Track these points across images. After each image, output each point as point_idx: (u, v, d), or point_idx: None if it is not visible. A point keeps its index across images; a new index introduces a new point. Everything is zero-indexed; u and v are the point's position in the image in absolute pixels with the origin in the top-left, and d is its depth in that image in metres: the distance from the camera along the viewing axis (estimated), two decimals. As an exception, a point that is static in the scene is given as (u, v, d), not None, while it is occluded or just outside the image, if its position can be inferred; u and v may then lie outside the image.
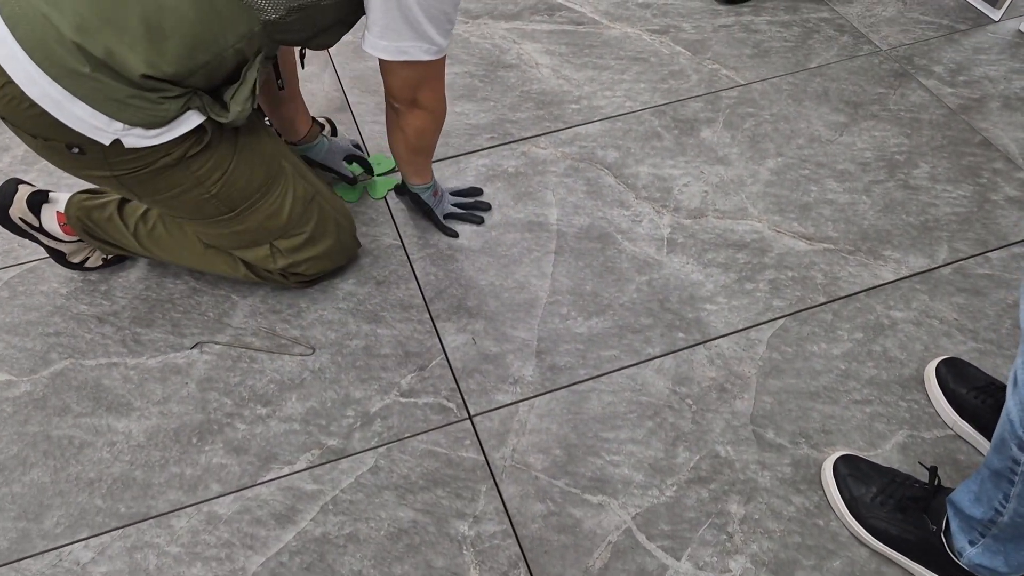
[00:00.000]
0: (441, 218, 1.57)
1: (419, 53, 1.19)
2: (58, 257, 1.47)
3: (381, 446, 1.28)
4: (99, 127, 1.08)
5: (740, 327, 1.42)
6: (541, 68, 1.91)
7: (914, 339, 1.40)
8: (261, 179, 1.26)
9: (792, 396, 1.33)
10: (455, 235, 1.56)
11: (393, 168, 1.71)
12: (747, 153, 1.70)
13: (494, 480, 1.24)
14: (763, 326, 1.42)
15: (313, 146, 1.58)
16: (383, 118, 1.80)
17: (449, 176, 1.67)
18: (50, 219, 1.41)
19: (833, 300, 1.45)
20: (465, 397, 1.34)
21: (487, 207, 1.60)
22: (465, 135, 1.76)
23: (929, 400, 1.32)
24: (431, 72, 1.25)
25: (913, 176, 1.66)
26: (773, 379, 1.35)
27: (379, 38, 1.17)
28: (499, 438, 1.29)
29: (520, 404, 1.33)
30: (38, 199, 1.40)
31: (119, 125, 1.07)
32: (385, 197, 1.64)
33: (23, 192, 1.39)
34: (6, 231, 1.57)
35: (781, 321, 1.42)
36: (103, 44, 1.03)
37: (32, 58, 1.02)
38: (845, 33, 2.00)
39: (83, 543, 1.18)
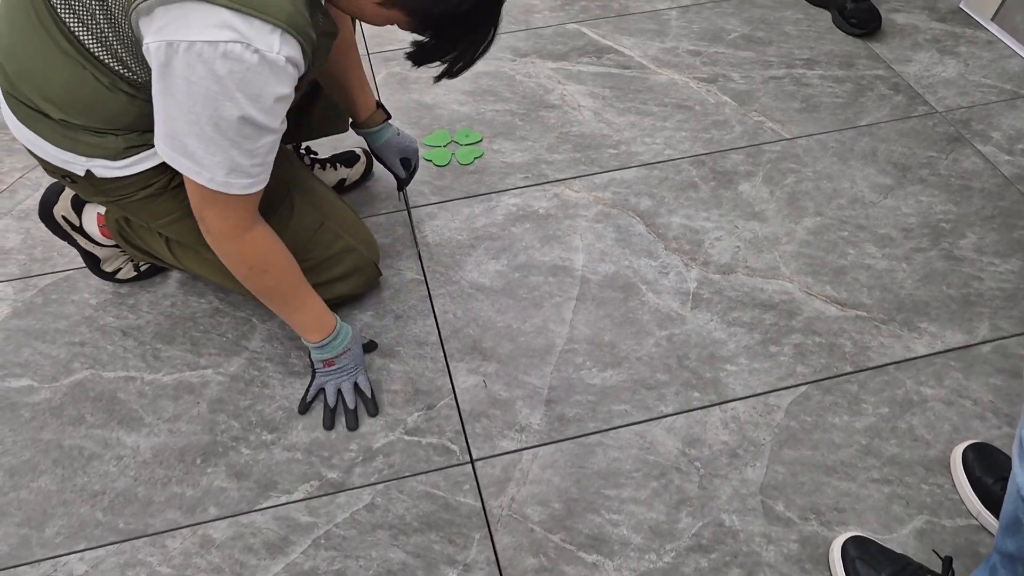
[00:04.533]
0: (310, 388, 1.36)
1: (188, 171, 1.04)
2: (92, 263, 1.51)
3: (380, 483, 1.27)
4: (68, 161, 1.15)
5: (759, 391, 1.37)
6: (583, 110, 1.90)
7: (943, 419, 1.33)
8: None
9: (807, 468, 1.28)
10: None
11: (480, 139, 1.84)
12: (785, 210, 1.66)
13: (489, 528, 1.22)
14: (783, 392, 1.37)
15: (373, 132, 1.52)
16: (422, 150, 1.82)
17: (479, 214, 1.67)
18: (90, 220, 1.46)
19: (860, 370, 1.40)
20: (469, 441, 1.32)
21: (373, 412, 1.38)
22: (500, 173, 1.76)
23: (954, 486, 1.25)
24: (207, 197, 1.08)
25: (958, 246, 1.59)
26: (788, 448, 1.30)
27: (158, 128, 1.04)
28: (499, 485, 1.26)
29: (524, 452, 1.30)
30: (82, 199, 1.45)
31: (82, 159, 1.11)
32: (410, 223, 1.64)
33: (69, 192, 1.44)
34: (47, 239, 1.62)
35: (803, 388, 1.37)
36: (24, 93, 1.11)
37: (7, 106, 1.15)
38: (900, 92, 1.94)
39: (79, 555, 1.20)
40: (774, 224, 1.63)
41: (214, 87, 0.94)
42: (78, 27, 1.02)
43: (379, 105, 1.52)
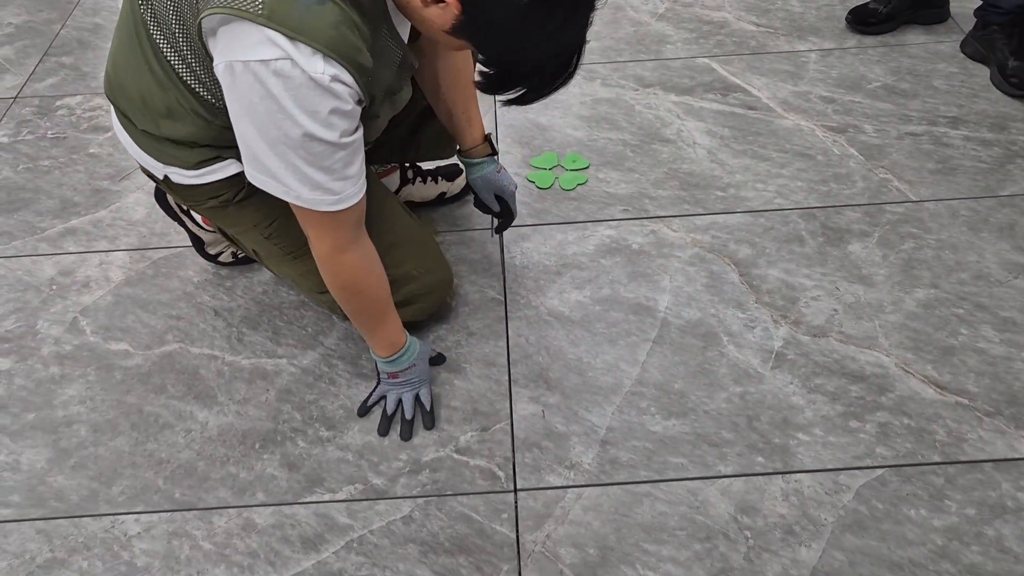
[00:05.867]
0: (372, 394, 1.39)
1: (276, 190, 1.08)
2: (198, 245, 1.60)
3: (421, 497, 1.27)
4: (150, 164, 1.23)
5: (830, 467, 1.28)
6: (697, 148, 1.85)
7: (1040, 532, 1.20)
8: None
9: (869, 560, 1.17)
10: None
11: (587, 166, 1.81)
12: (896, 277, 1.54)
13: (519, 562, 1.20)
14: (857, 472, 1.27)
15: (473, 164, 1.49)
16: (526, 171, 1.82)
17: (571, 241, 1.65)
18: None
19: (950, 463, 1.27)
20: (517, 469, 1.30)
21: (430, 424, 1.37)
22: (600, 203, 1.73)
23: (1038, 609, 1.12)
24: (304, 215, 1.13)
25: (1094, 341, 1.43)
26: (852, 535, 1.20)
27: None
28: (537, 520, 1.24)
29: (569, 490, 1.27)
30: None
31: (159, 164, 1.18)
32: (500, 242, 1.64)
33: None
34: (167, 217, 1.74)
35: (880, 472, 1.27)
36: (117, 100, 1.20)
37: (112, 105, 1.25)
38: (1055, 164, 1.76)
39: (135, 517, 1.27)
40: (881, 291, 1.52)
41: (273, 106, 0.98)
42: (165, 46, 1.09)
43: (487, 139, 1.50)
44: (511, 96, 1.02)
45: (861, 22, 2.15)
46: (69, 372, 1.47)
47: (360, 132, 1.09)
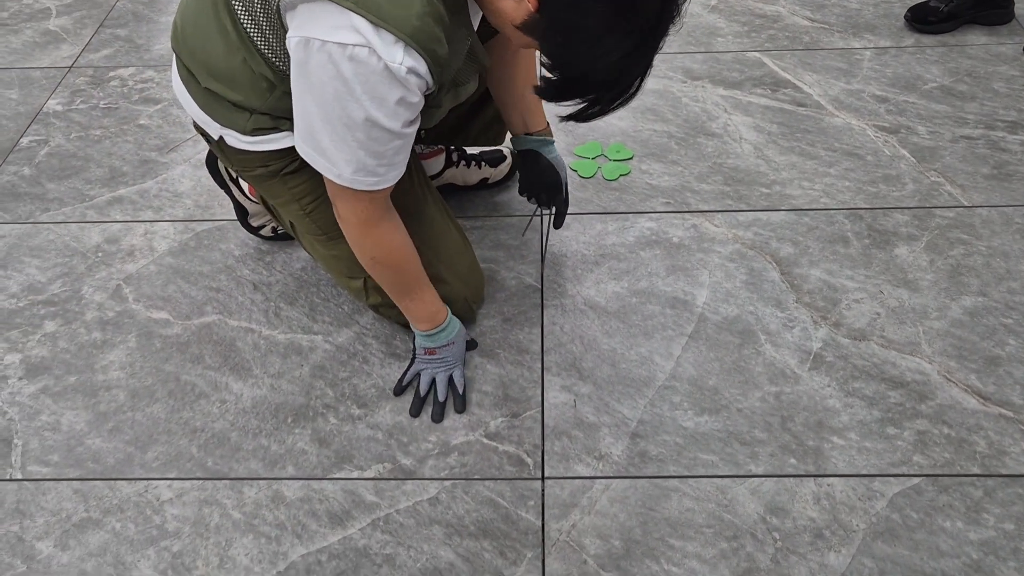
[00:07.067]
0: (408, 372, 1.39)
1: (321, 167, 1.11)
2: (241, 215, 1.62)
3: (448, 480, 1.28)
4: (207, 123, 1.23)
5: (864, 472, 1.25)
6: (744, 143, 1.82)
7: (1080, 551, 1.16)
8: None
9: (900, 569, 1.15)
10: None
11: (630, 157, 1.80)
12: (942, 283, 1.50)
13: (543, 550, 1.20)
14: (892, 479, 1.24)
15: (551, 141, 1.48)
16: (569, 159, 1.81)
17: (611, 231, 1.64)
18: None
19: (990, 475, 1.24)
20: (545, 457, 1.30)
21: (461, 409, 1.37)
22: (642, 194, 1.71)
23: (1074, 630, 1.09)
24: (337, 190, 1.15)
25: None
26: (883, 543, 1.18)
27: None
28: (563, 509, 1.24)
29: (597, 481, 1.27)
30: None
31: (216, 125, 1.18)
32: (541, 234, 1.63)
33: None
34: (212, 189, 1.75)
35: (916, 480, 1.24)
36: (186, 54, 1.20)
37: (175, 58, 1.25)
38: (1117, 174, 1.70)
39: (168, 483, 1.30)
40: (926, 296, 1.48)
41: (341, 88, 0.98)
42: (241, 10, 1.10)
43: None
44: (570, 110, 1.01)
45: (920, 20, 2.10)
46: (111, 338, 1.50)
47: (417, 123, 1.10)
